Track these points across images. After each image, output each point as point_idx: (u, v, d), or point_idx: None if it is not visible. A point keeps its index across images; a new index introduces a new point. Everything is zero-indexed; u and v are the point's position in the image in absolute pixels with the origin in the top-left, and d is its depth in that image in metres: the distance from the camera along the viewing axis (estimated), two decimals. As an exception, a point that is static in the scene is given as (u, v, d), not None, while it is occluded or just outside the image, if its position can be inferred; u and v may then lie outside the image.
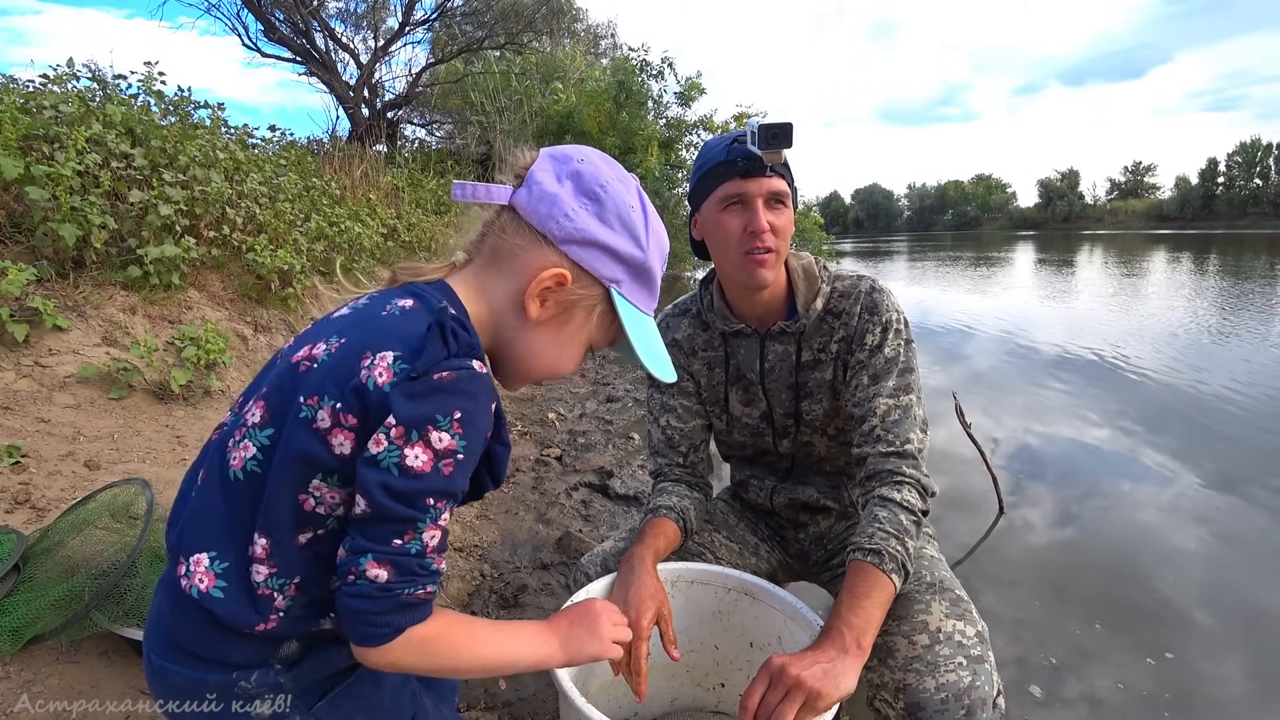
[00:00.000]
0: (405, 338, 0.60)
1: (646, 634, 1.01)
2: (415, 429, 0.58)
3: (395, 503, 0.58)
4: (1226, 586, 2.08)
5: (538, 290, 0.67)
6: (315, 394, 0.60)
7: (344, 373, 0.60)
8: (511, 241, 0.68)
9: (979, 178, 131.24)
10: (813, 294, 1.20)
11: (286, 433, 0.60)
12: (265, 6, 8.31)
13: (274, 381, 0.64)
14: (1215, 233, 48.95)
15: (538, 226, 0.67)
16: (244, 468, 0.62)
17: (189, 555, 0.62)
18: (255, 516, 0.61)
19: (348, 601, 0.58)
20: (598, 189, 0.68)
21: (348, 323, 0.65)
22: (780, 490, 1.36)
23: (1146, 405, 4.06)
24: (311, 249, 4.35)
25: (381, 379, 0.58)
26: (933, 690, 0.94)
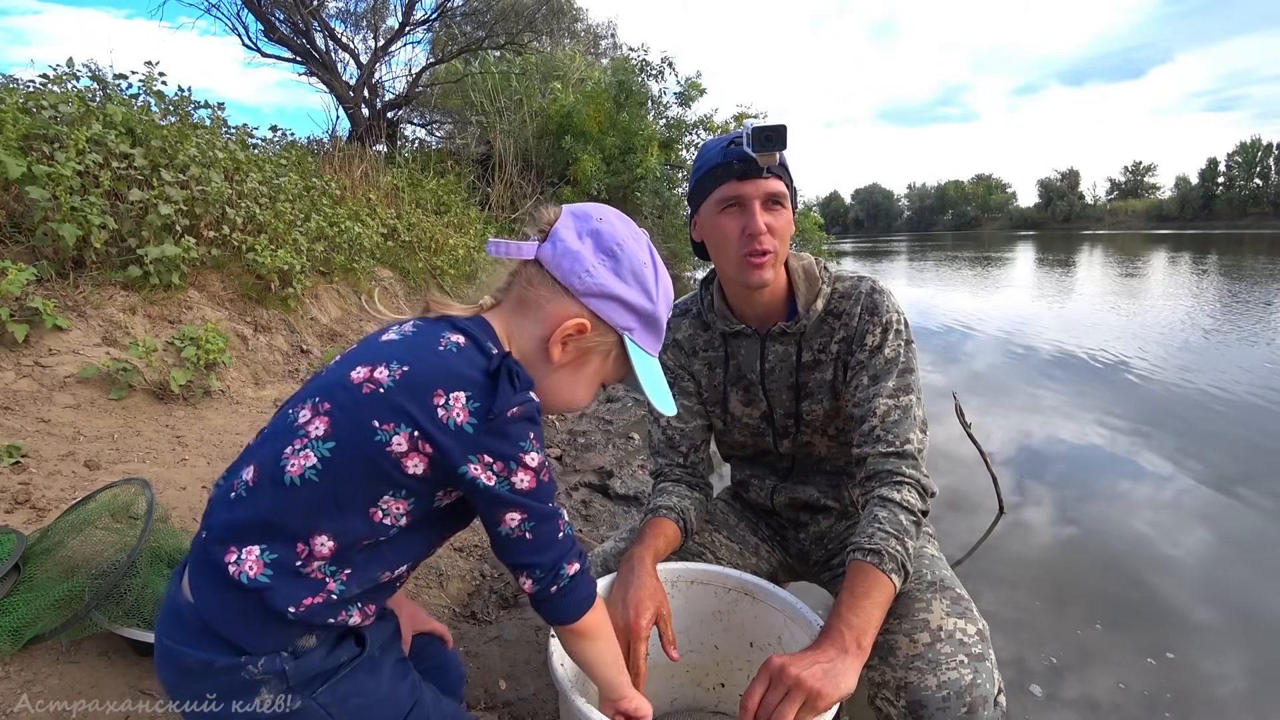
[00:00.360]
0: (471, 379, 0.69)
1: (645, 634, 1.01)
2: (511, 460, 0.69)
3: (539, 504, 0.72)
4: (1226, 586, 2.08)
5: (561, 337, 0.76)
6: (390, 420, 0.67)
7: (418, 404, 0.67)
8: (538, 292, 0.76)
9: (979, 178, 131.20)
10: (813, 295, 1.20)
11: (357, 450, 0.67)
12: (265, 6, 8.31)
13: (335, 397, 0.69)
14: (1215, 233, 48.94)
15: (561, 280, 0.75)
16: (302, 475, 0.67)
17: (241, 546, 0.66)
18: (313, 518, 0.67)
19: (571, 597, 0.77)
20: (615, 247, 0.77)
21: (404, 350, 0.71)
22: (781, 490, 1.37)
23: (1146, 405, 4.07)
24: (312, 249, 4.35)
25: (460, 418, 0.67)
26: (934, 688, 0.94)
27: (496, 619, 1.78)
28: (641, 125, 10.48)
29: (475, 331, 0.73)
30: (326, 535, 0.67)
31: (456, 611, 1.79)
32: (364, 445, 0.67)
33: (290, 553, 0.67)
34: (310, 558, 0.67)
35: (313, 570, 0.68)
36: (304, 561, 0.67)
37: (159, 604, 1.27)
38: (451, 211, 7.90)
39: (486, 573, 2.02)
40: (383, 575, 0.73)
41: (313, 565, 0.67)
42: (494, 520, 0.72)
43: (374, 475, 0.67)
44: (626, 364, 0.81)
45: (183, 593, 0.70)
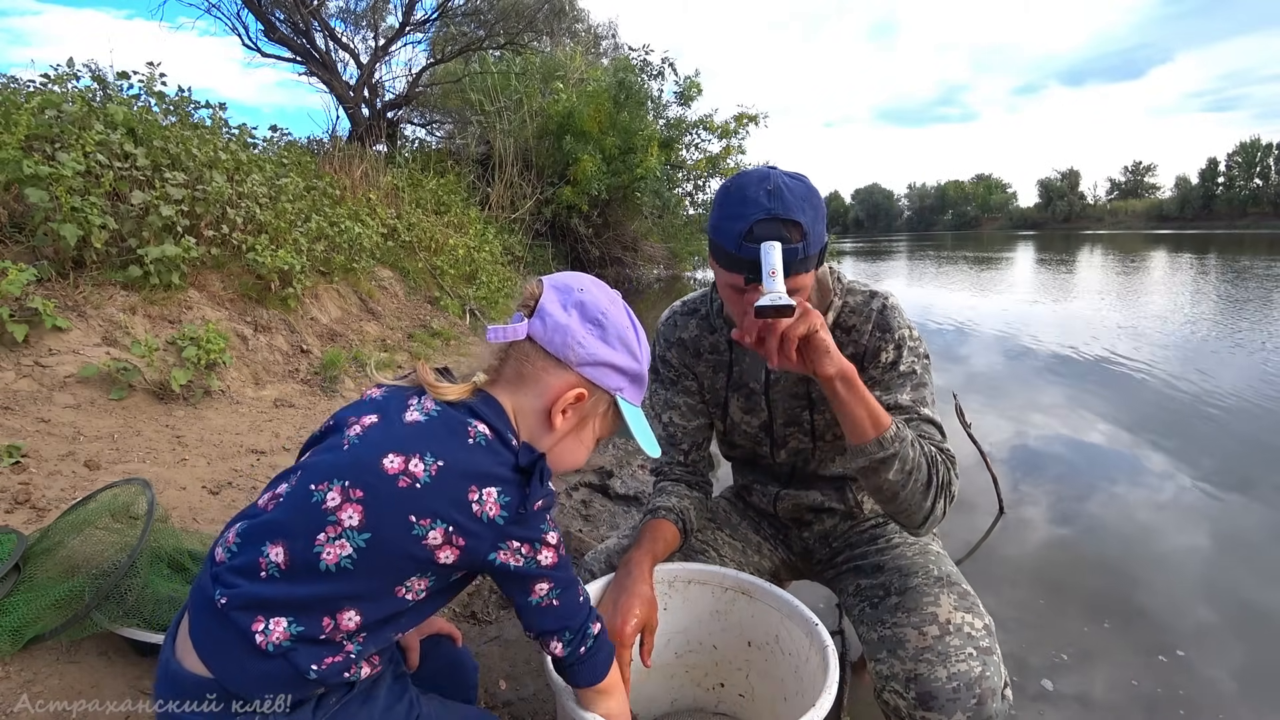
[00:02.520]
0: (501, 476, 0.74)
1: (629, 641, 1.01)
2: (536, 541, 0.75)
3: (565, 575, 0.79)
4: (1226, 586, 2.08)
5: (563, 406, 0.81)
6: (427, 516, 0.70)
7: (455, 502, 0.71)
8: (535, 367, 0.81)
9: (979, 178, 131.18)
10: (824, 306, 1.18)
11: (394, 544, 0.70)
12: (265, 6, 8.31)
13: (369, 486, 0.70)
14: (1215, 232, 48.95)
15: (556, 354, 0.80)
16: (338, 563, 0.69)
17: (270, 618, 0.69)
18: (343, 599, 0.70)
19: (598, 656, 0.86)
20: (600, 316, 0.82)
21: (434, 441, 0.73)
22: (784, 496, 1.36)
23: (1146, 404, 4.07)
24: (312, 249, 4.35)
25: (492, 512, 0.72)
26: (944, 680, 0.95)
27: (496, 619, 1.78)
28: (641, 125, 10.48)
29: (495, 421, 0.77)
30: (354, 611, 0.71)
31: (456, 612, 1.79)
32: (401, 539, 0.70)
33: (317, 626, 0.70)
34: (335, 630, 0.71)
35: (336, 637, 0.71)
36: (329, 634, 0.70)
37: (159, 604, 1.27)
38: (451, 211, 7.90)
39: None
40: (396, 636, 0.79)
41: (338, 636, 0.71)
42: (524, 592, 0.78)
43: (411, 564, 0.71)
44: (618, 419, 0.88)
45: (178, 658, 0.72)
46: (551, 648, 0.83)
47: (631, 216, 11.64)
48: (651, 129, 10.68)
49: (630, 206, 11.30)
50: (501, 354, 0.83)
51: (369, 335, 4.57)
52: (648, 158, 10.18)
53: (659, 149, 10.49)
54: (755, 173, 1.02)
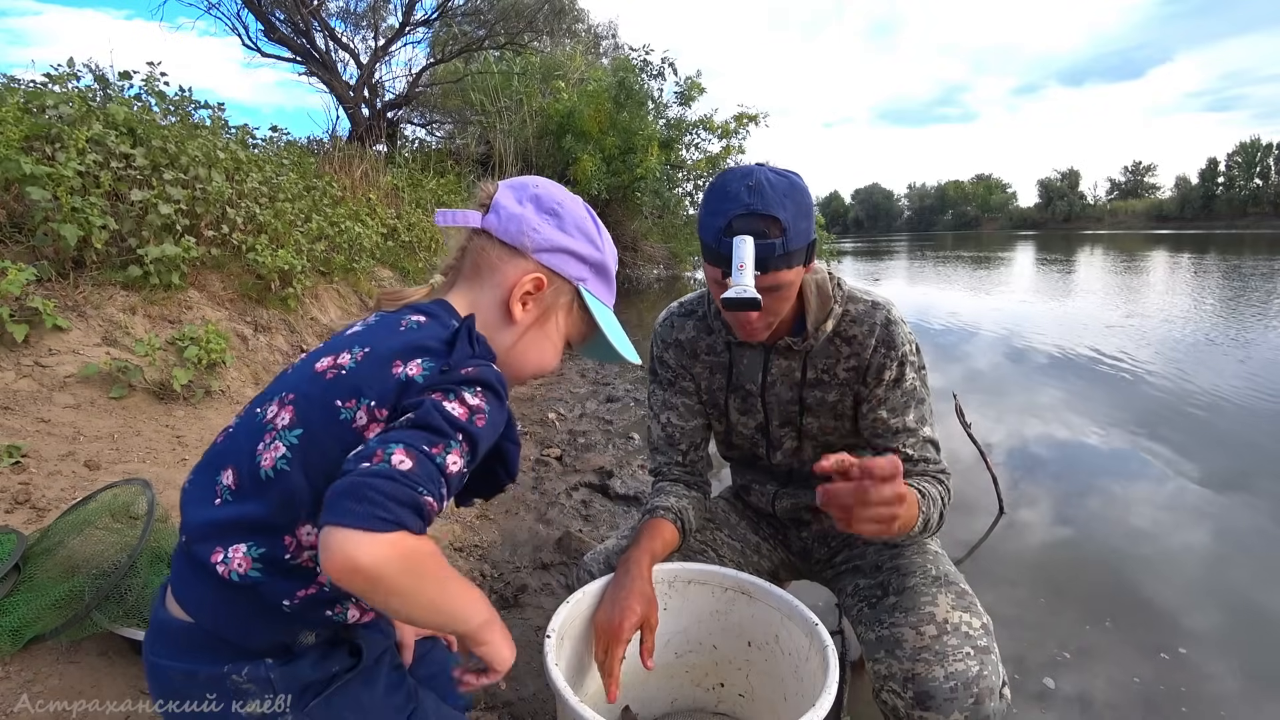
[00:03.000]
0: (430, 345, 0.69)
1: (626, 639, 1.01)
2: (451, 392, 0.65)
3: (439, 416, 0.63)
4: (1227, 584, 2.08)
5: (520, 294, 0.78)
6: (352, 397, 0.66)
7: (377, 376, 0.67)
8: (490, 258, 0.78)
9: (979, 178, 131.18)
10: (824, 314, 1.17)
11: (324, 432, 0.66)
12: (265, 6, 8.31)
13: (299, 387, 0.69)
14: (1215, 232, 48.96)
15: (512, 242, 0.78)
16: (275, 466, 0.66)
17: (227, 545, 0.65)
18: (294, 509, 0.65)
19: (360, 479, 0.57)
20: (555, 206, 0.80)
21: (366, 336, 0.71)
22: (783, 496, 1.36)
23: (1146, 404, 4.07)
24: (312, 249, 4.35)
25: (413, 372, 0.67)
26: (942, 679, 0.95)
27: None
28: (642, 125, 10.48)
29: (437, 310, 0.75)
30: (311, 524, 0.65)
31: (456, 611, 1.79)
32: (330, 426, 0.66)
33: (278, 546, 0.65)
34: (299, 549, 0.66)
35: (303, 560, 0.67)
36: (293, 554, 0.66)
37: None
38: (452, 211, 7.89)
39: (486, 573, 2.02)
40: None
41: (303, 556, 0.66)
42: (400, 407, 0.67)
43: (341, 453, 0.63)
44: (587, 317, 0.83)
45: (165, 608, 0.70)
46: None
47: (631, 216, 11.64)
48: (651, 129, 10.67)
49: (630, 206, 11.30)
50: (460, 252, 0.81)
51: (369, 335, 4.57)
52: (648, 158, 10.18)
53: (659, 149, 10.48)
54: (740, 169, 1.04)
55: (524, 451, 3.10)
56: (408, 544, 0.57)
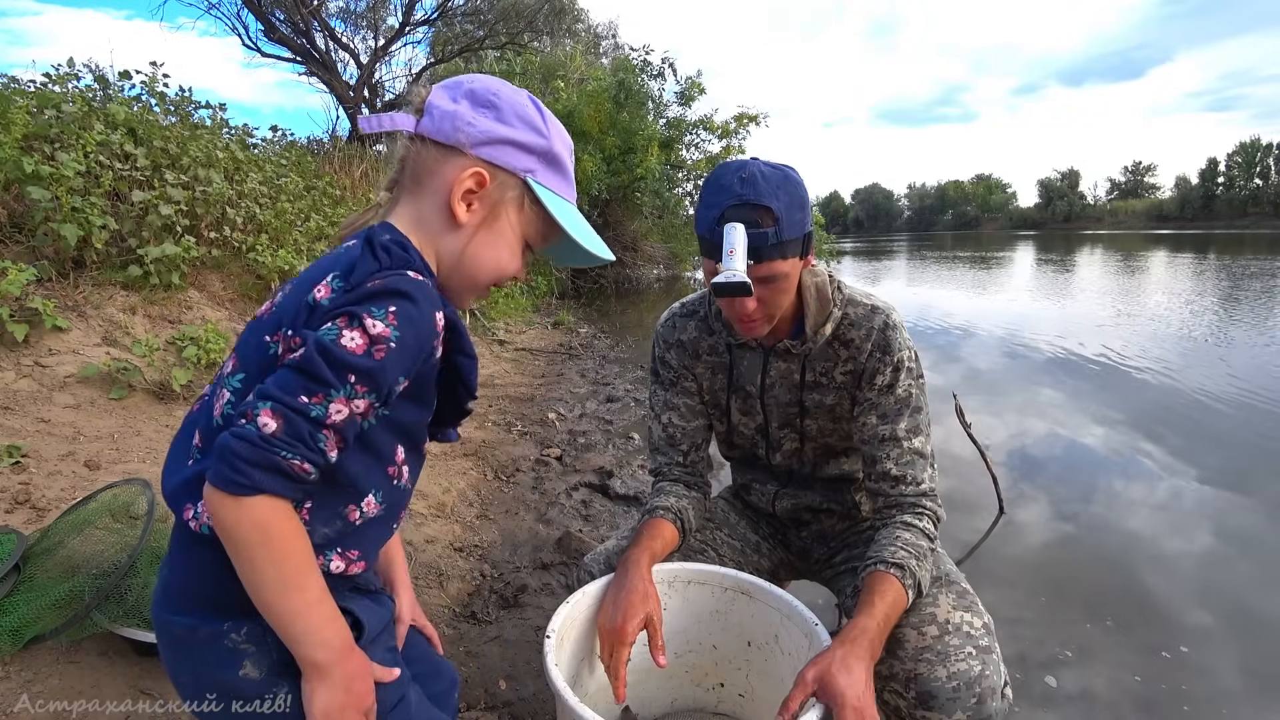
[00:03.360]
0: (343, 263, 0.67)
1: (630, 639, 1.01)
2: (353, 317, 0.62)
3: (321, 360, 0.60)
4: (1226, 585, 2.08)
5: (461, 192, 0.73)
6: (276, 330, 0.67)
7: (295, 305, 0.67)
8: (429, 161, 0.74)
9: (979, 178, 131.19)
10: (823, 317, 1.17)
11: (256, 373, 0.65)
12: (265, 6, 8.32)
13: (242, 337, 0.71)
14: (1215, 232, 48.96)
15: (448, 141, 0.73)
16: (222, 414, 0.66)
17: (197, 502, 0.65)
18: None
19: (226, 439, 0.59)
20: (491, 98, 0.75)
21: (300, 275, 0.72)
22: (783, 495, 1.37)
23: (1145, 404, 4.07)
24: (312, 249, 4.35)
25: (321, 295, 0.65)
26: (944, 679, 0.95)
27: (496, 619, 1.78)
28: (642, 125, 10.48)
29: (370, 231, 0.71)
30: None
31: (456, 611, 1.79)
32: (263, 364, 0.65)
33: None
34: None
35: None
36: None
37: (159, 604, 1.27)
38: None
39: (486, 573, 2.02)
40: (350, 511, 0.70)
41: None
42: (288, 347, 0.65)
43: None
44: (543, 213, 0.77)
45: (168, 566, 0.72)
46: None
47: (632, 216, 11.64)
48: (651, 129, 10.68)
49: (630, 206, 11.30)
50: (399, 164, 0.76)
51: (369, 335, 4.57)
52: (648, 158, 10.18)
53: (659, 149, 10.49)
54: (734, 163, 1.05)
55: (524, 451, 3.10)
56: (265, 509, 0.59)
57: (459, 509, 2.44)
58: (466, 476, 2.73)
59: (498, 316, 6.69)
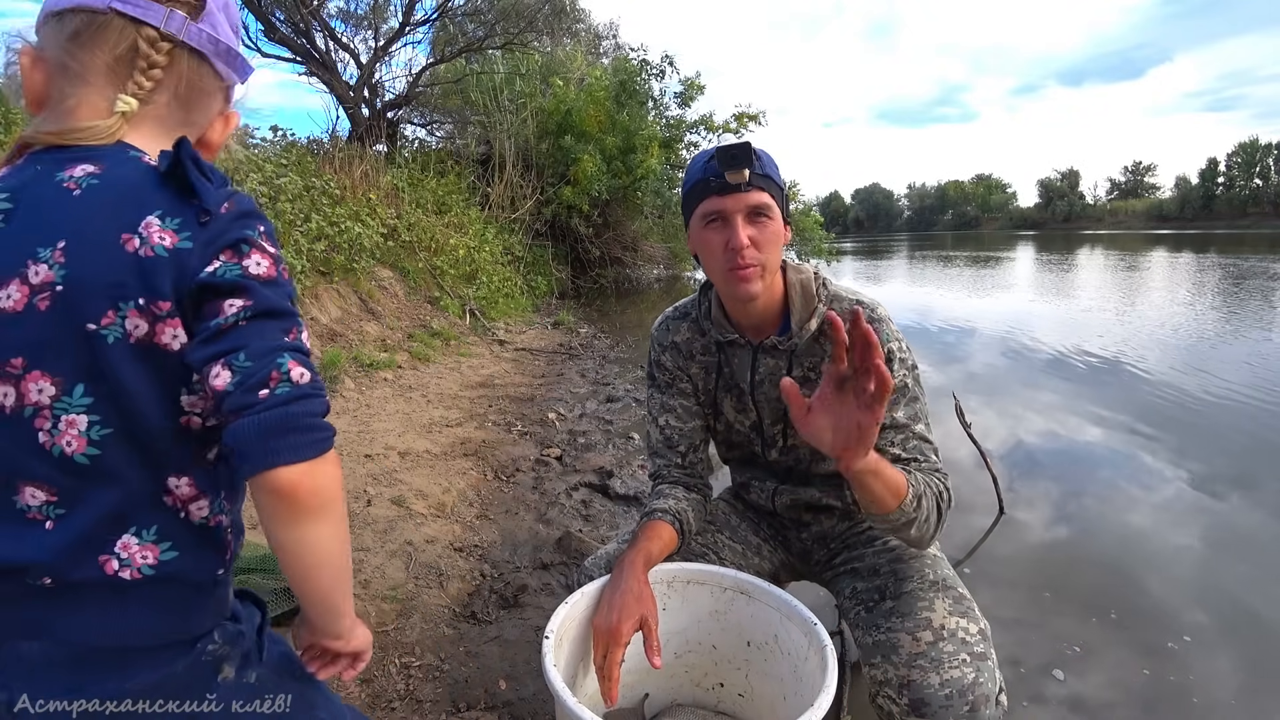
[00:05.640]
0: (147, 200, 0.54)
1: (625, 641, 1.01)
2: (238, 246, 0.54)
3: (270, 294, 0.54)
4: (1227, 585, 2.08)
5: (224, 134, 0.67)
6: (106, 312, 0.51)
7: (113, 271, 0.52)
8: (204, 89, 0.63)
9: (979, 178, 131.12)
10: (808, 313, 1.19)
11: (109, 372, 0.52)
12: (265, 6, 8.30)
13: (23, 346, 0.52)
14: (1215, 232, 48.96)
15: (229, 79, 0.65)
16: (91, 442, 0.53)
17: (109, 548, 0.54)
18: (151, 472, 0.55)
19: (279, 412, 0.51)
20: (238, 23, 0.66)
21: (38, 225, 0.53)
22: (782, 491, 1.37)
23: (1146, 403, 4.07)
24: (312, 249, 4.35)
25: (168, 242, 0.52)
26: (937, 686, 0.95)
27: (496, 619, 1.78)
28: (642, 125, 10.48)
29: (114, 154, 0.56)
30: (174, 474, 0.57)
31: (456, 611, 1.80)
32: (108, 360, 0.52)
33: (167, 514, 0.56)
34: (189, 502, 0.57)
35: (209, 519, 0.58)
36: (189, 512, 0.57)
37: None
38: (452, 211, 7.91)
39: (486, 573, 2.02)
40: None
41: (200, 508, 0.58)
42: (209, 315, 0.53)
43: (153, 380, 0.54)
44: None
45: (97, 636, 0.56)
46: (212, 378, 0.52)
47: (632, 216, 11.63)
48: (652, 129, 10.67)
49: (630, 206, 11.29)
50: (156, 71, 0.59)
51: (369, 335, 4.58)
52: (648, 158, 10.18)
53: (659, 149, 10.48)
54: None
55: (524, 451, 3.10)
56: (336, 463, 0.55)
57: (459, 509, 2.44)
58: (466, 476, 2.74)
59: (498, 316, 6.69)
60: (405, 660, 1.56)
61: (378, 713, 1.39)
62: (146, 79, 0.58)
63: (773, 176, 1.12)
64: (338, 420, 3.16)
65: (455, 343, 5.33)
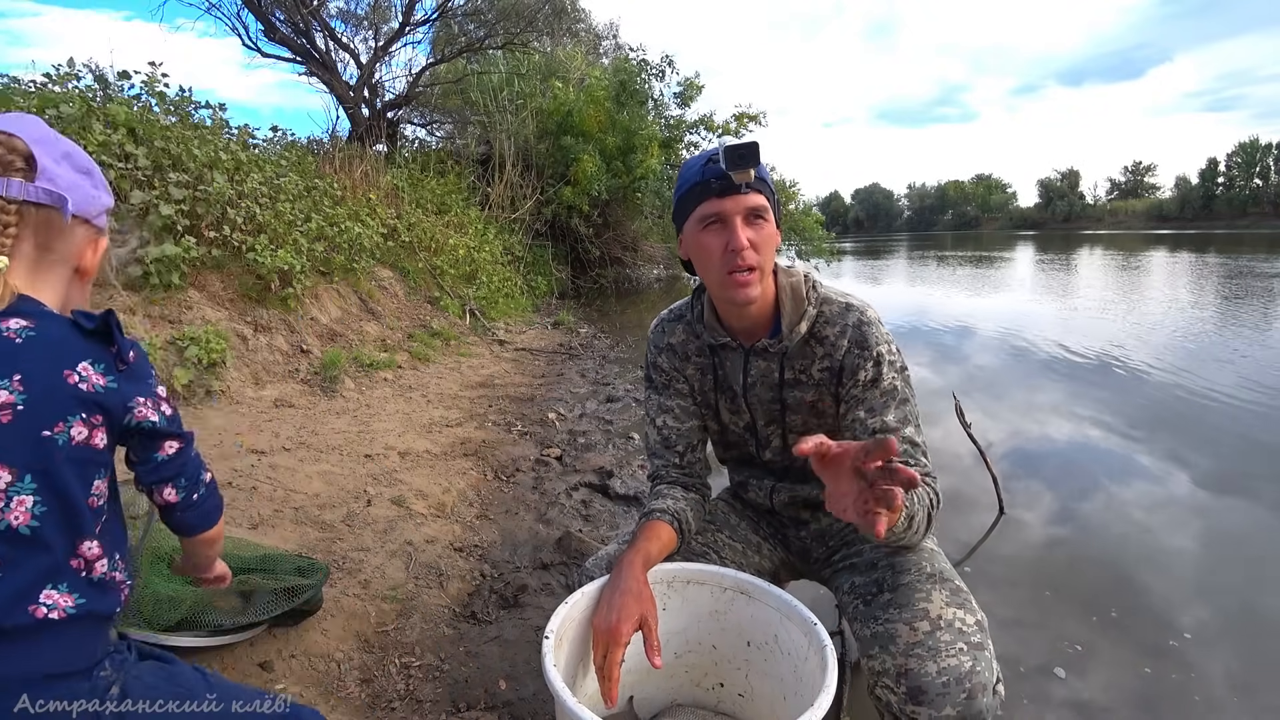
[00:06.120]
0: (77, 348, 0.74)
1: (625, 641, 1.01)
2: (152, 394, 0.80)
3: (180, 426, 0.84)
4: (1227, 585, 2.08)
5: (93, 259, 0.84)
6: (57, 420, 0.71)
7: (62, 396, 0.72)
8: (56, 234, 0.78)
9: (979, 178, 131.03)
10: (798, 315, 1.20)
11: (52, 466, 0.70)
12: (265, 6, 8.30)
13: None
14: (1215, 232, 48.97)
15: (81, 214, 0.79)
16: (34, 517, 0.70)
17: (37, 598, 0.70)
18: (70, 540, 0.72)
19: (209, 502, 0.89)
20: (87, 165, 0.82)
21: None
22: (780, 489, 1.38)
23: (1146, 403, 4.07)
24: (312, 249, 4.36)
25: (100, 381, 0.74)
26: (934, 674, 0.96)
27: (496, 619, 1.78)
28: (642, 125, 10.48)
29: (35, 310, 0.74)
30: (85, 538, 0.74)
31: (456, 611, 1.80)
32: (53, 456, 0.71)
33: (73, 575, 0.72)
34: (95, 560, 0.74)
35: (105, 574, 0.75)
36: (92, 570, 0.74)
37: (159, 604, 1.28)
38: (451, 211, 7.91)
39: (486, 573, 2.02)
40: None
41: (100, 567, 0.75)
42: (153, 450, 0.82)
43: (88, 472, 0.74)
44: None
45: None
46: (164, 495, 0.84)
47: (632, 216, 11.64)
48: (652, 129, 10.68)
49: (630, 206, 11.30)
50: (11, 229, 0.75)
51: (369, 335, 4.58)
52: (648, 158, 10.18)
53: (659, 149, 10.49)
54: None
55: (524, 451, 3.10)
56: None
57: (459, 509, 2.44)
58: (466, 476, 2.74)
59: (498, 316, 6.70)
60: (405, 660, 1.56)
61: (378, 713, 1.39)
62: (5, 236, 0.74)
63: (767, 180, 1.13)
64: (338, 420, 3.17)
65: (455, 343, 5.33)
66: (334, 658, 1.51)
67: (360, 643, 1.58)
